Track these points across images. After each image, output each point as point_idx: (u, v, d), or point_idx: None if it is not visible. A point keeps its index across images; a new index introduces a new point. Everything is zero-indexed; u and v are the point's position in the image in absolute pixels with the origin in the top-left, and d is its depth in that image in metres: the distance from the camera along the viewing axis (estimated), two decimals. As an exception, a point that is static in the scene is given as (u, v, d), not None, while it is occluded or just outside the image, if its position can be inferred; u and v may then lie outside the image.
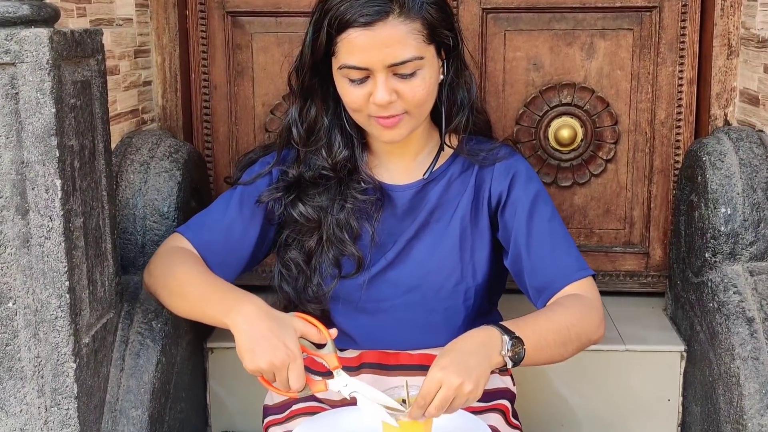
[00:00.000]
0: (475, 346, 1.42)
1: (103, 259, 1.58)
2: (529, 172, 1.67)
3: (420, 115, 1.57)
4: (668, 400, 2.09)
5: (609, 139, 2.26)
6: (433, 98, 1.58)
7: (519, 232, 1.62)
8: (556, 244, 1.62)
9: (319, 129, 1.63)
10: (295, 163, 1.66)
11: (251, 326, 1.42)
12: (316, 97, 1.62)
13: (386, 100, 1.50)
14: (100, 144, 1.56)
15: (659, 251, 2.31)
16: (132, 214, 1.86)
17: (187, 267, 1.58)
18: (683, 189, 2.11)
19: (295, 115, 1.64)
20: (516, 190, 1.64)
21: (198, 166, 2.09)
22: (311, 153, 1.64)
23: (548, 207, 1.65)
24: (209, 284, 1.54)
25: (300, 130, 1.64)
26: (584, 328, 1.54)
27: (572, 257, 1.62)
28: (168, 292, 1.59)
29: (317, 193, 1.64)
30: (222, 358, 2.11)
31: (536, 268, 1.61)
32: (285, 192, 1.65)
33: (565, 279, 1.59)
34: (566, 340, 1.52)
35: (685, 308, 2.08)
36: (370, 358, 1.69)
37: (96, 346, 1.56)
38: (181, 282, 1.56)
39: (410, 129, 1.57)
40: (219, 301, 1.50)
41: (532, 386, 2.05)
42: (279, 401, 1.74)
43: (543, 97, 2.25)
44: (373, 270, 1.64)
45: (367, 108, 1.53)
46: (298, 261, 1.65)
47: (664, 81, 2.23)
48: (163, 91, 2.24)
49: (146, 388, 1.67)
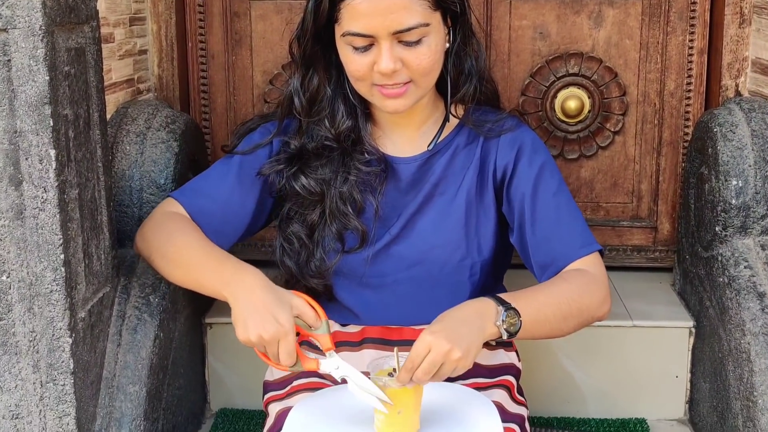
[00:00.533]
0: (468, 315, 1.43)
1: (98, 231, 1.58)
2: (535, 144, 1.66)
3: (426, 85, 1.56)
4: (676, 377, 2.09)
5: (617, 110, 2.25)
6: (439, 67, 1.56)
7: (523, 207, 1.62)
8: (561, 219, 1.61)
9: (321, 99, 1.62)
10: (297, 134, 1.65)
11: (247, 298, 1.43)
12: (319, 65, 1.61)
13: (391, 69, 1.48)
14: (95, 113, 1.55)
15: (667, 225, 2.30)
16: (128, 186, 1.85)
17: (184, 234, 1.57)
18: (693, 161, 2.10)
19: (297, 84, 1.63)
20: (521, 164, 1.63)
21: (195, 138, 2.08)
22: (314, 123, 1.63)
23: (554, 180, 1.63)
24: (207, 253, 1.54)
25: (302, 100, 1.63)
26: (586, 304, 1.54)
27: (577, 232, 1.61)
28: (164, 259, 1.58)
29: (320, 165, 1.63)
30: (221, 334, 2.11)
31: (540, 244, 1.60)
32: (287, 164, 1.64)
33: (570, 255, 1.59)
34: (567, 315, 1.51)
35: (694, 283, 2.08)
36: (372, 333, 1.68)
37: (92, 321, 1.56)
38: (178, 249, 1.56)
39: (415, 99, 1.56)
40: (217, 271, 1.49)
41: (537, 362, 2.05)
42: (279, 377, 1.73)
43: (549, 67, 2.24)
44: (377, 245, 1.63)
45: (371, 77, 1.52)
46: (300, 235, 1.64)
47: (673, 50, 2.21)
48: (159, 61, 2.23)
49: (144, 364, 1.66)
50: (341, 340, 1.68)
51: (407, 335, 1.67)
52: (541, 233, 1.60)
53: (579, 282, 1.55)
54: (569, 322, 1.53)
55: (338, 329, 1.70)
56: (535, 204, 1.61)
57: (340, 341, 1.68)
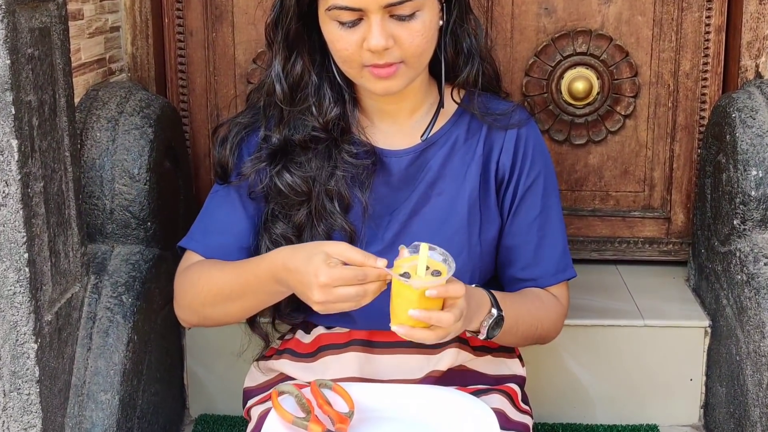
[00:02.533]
0: (472, 303, 1.47)
1: (66, 227, 1.57)
2: (537, 147, 1.66)
3: (419, 65, 1.54)
4: (690, 380, 2.09)
5: (628, 92, 2.24)
6: (432, 46, 1.54)
7: (509, 214, 1.65)
8: (544, 237, 1.66)
9: (305, 85, 1.59)
10: (277, 126, 1.61)
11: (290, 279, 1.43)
12: (303, 49, 1.58)
13: (382, 46, 1.46)
14: (61, 99, 1.54)
15: (682, 216, 2.30)
16: (99, 177, 1.84)
17: (208, 276, 1.57)
18: (709, 148, 2.09)
19: (279, 69, 1.59)
20: (518, 170, 1.64)
21: (172, 122, 2.07)
22: (298, 113, 1.60)
23: (547, 191, 1.66)
24: (242, 276, 1.53)
25: (284, 87, 1.59)
26: (546, 332, 1.67)
27: (557, 255, 1.67)
28: (210, 309, 1.59)
29: (306, 161, 1.60)
30: (200, 335, 2.10)
31: (516, 261, 1.65)
32: (270, 161, 1.61)
33: (544, 280, 1.67)
34: (528, 335, 1.63)
35: (710, 279, 2.07)
36: (359, 335, 1.67)
37: (60, 324, 1.55)
38: (214, 291, 1.56)
39: (408, 80, 1.54)
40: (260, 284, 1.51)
41: (541, 366, 2.05)
42: (262, 381, 1.73)
43: (555, 45, 2.22)
44: (368, 249, 1.59)
45: (360, 56, 1.49)
46: (289, 236, 1.61)
47: (689, 28, 2.20)
48: (133, 38, 2.20)
49: (116, 370, 1.66)
50: (326, 343, 1.67)
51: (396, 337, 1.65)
52: (520, 251, 1.65)
53: (552, 311, 1.66)
54: (524, 341, 1.66)
55: (323, 332, 1.69)
56: (522, 214, 1.65)
57: (324, 344, 1.67)
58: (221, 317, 1.60)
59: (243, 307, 1.57)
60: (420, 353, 1.64)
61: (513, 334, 1.58)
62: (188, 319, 1.64)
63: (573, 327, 2.05)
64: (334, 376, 1.62)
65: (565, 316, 1.71)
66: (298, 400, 1.46)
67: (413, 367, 1.64)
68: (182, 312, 1.63)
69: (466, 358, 1.66)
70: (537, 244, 1.65)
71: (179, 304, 1.63)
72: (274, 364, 1.71)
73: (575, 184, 2.29)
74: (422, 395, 1.54)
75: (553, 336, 1.70)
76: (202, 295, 1.57)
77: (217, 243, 1.62)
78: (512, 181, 1.65)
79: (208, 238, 1.63)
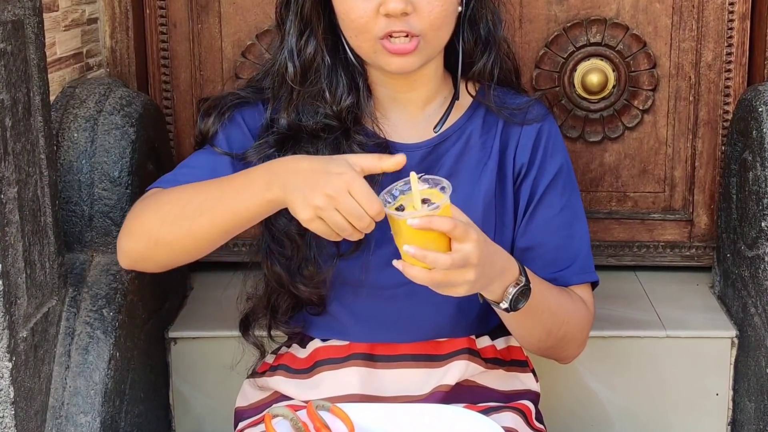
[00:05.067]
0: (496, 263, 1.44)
1: (42, 235, 1.56)
2: (557, 143, 1.67)
3: (437, 42, 1.55)
4: (716, 395, 2.09)
5: (646, 85, 2.24)
6: (451, 24, 1.56)
7: (524, 216, 1.65)
8: (565, 241, 1.65)
9: (318, 67, 1.60)
10: (286, 108, 1.61)
11: (294, 177, 1.37)
12: (317, 26, 1.58)
13: (400, 9, 1.47)
14: (36, 97, 1.54)
15: (705, 218, 2.30)
16: (77, 181, 1.83)
17: (177, 190, 1.50)
18: (734, 145, 2.09)
19: (292, 45, 1.60)
20: (536, 167, 1.64)
21: (155, 121, 2.06)
22: (309, 97, 1.60)
23: (568, 189, 1.66)
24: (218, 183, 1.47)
25: (296, 66, 1.60)
26: (571, 335, 1.62)
27: (581, 256, 1.66)
28: (169, 227, 1.47)
29: (314, 151, 1.59)
30: (187, 351, 2.10)
31: (534, 262, 1.63)
32: (278, 147, 1.60)
33: (566, 279, 1.64)
34: (553, 330, 1.58)
35: (737, 286, 2.07)
36: (360, 348, 1.67)
37: (36, 341, 1.54)
38: (180, 203, 1.47)
39: (424, 59, 1.55)
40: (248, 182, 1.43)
41: (556, 381, 2.05)
42: (254, 401, 1.73)
43: (568, 35, 2.22)
44: (376, 250, 1.60)
45: (375, 26, 1.50)
46: (293, 235, 1.60)
47: (711, 15, 2.20)
48: (112, 31, 2.20)
49: (97, 390, 1.66)
50: (323, 357, 1.67)
51: (402, 350, 1.67)
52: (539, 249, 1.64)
53: (579, 312, 1.63)
54: (547, 337, 1.59)
55: (320, 345, 1.69)
56: (540, 214, 1.64)
57: (322, 359, 1.67)
58: (178, 239, 1.48)
59: (211, 221, 1.45)
60: (425, 366, 1.64)
61: (538, 318, 1.54)
62: (135, 245, 1.52)
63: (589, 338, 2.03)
64: (334, 393, 1.61)
65: (591, 324, 1.67)
66: (293, 423, 1.45)
67: (418, 382, 1.64)
68: (130, 236, 1.52)
69: (476, 371, 1.66)
70: (558, 245, 1.64)
71: (129, 228, 1.53)
72: (268, 381, 1.71)
73: (590, 185, 2.28)
74: (427, 414, 1.52)
75: (576, 347, 1.66)
76: (164, 210, 1.48)
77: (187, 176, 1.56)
78: (528, 179, 1.65)
79: (180, 178, 1.57)
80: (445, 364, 1.64)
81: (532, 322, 1.55)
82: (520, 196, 1.65)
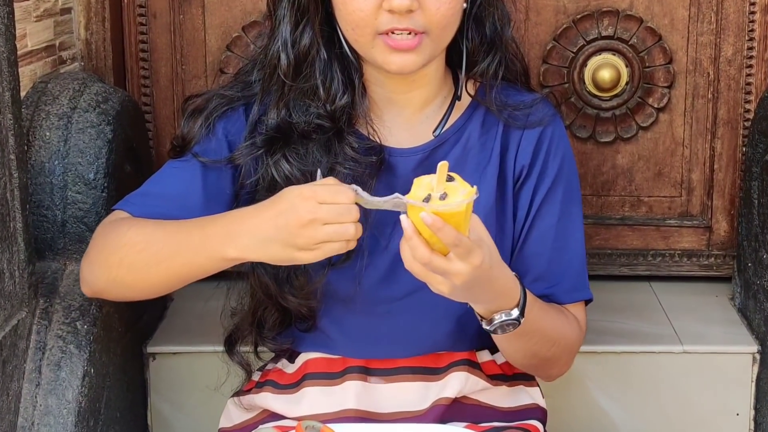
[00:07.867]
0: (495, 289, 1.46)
1: (11, 242, 1.56)
2: (561, 146, 1.66)
3: (441, 41, 1.55)
4: (737, 414, 2.10)
5: (661, 81, 2.25)
6: (457, 22, 1.56)
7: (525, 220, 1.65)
8: (558, 253, 1.66)
9: (312, 61, 1.59)
10: (276, 104, 1.61)
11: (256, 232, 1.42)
12: (315, 17, 1.58)
13: (407, 5, 1.47)
14: (6, 93, 1.54)
15: (725, 224, 2.31)
16: (49, 183, 1.84)
17: (136, 228, 1.53)
18: (756, 146, 2.09)
19: (287, 35, 1.59)
20: (537, 171, 1.64)
21: (134, 119, 2.07)
22: (301, 93, 1.60)
23: (568, 198, 1.66)
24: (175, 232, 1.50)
25: (290, 58, 1.59)
26: (557, 356, 1.64)
27: (573, 272, 1.67)
28: (126, 270, 1.52)
29: (305, 152, 1.59)
30: (166, 367, 2.10)
31: (527, 272, 1.64)
32: (267, 148, 1.60)
33: (558, 297, 1.66)
34: (539, 352, 1.60)
35: (759, 298, 2.07)
36: (356, 362, 1.67)
37: (4, 356, 1.54)
38: (137, 248, 1.51)
39: (427, 58, 1.55)
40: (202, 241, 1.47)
41: (565, 399, 2.05)
42: (239, 421, 1.73)
43: (578, 28, 2.23)
44: (369, 261, 1.60)
45: (376, 21, 1.50)
46: None
47: (731, 8, 2.22)
48: (87, 22, 2.21)
49: (70, 408, 1.65)
50: (314, 371, 1.67)
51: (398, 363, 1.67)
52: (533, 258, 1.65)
53: (570, 332, 1.64)
54: (531, 357, 1.62)
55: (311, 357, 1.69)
56: (538, 222, 1.65)
57: (312, 372, 1.67)
58: (137, 281, 1.54)
59: (167, 272, 1.51)
60: (423, 379, 1.64)
61: (526, 340, 1.56)
62: (95, 279, 1.57)
63: (600, 354, 2.05)
64: (327, 410, 1.62)
65: (581, 343, 1.69)
66: None
67: (417, 397, 1.64)
68: (91, 268, 1.57)
69: (477, 386, 1.66)
70: (551, 257, 1.65)
71: (90, 259, 1.57)
72: (254, 399, 1.71)
73: (601, 189, 2.29)
74: None
75: (562, 365, 1.68)
76: (124, 250, 1.52)
77: (157, 211, 1.58)
78: (528, 185, 1.65)
79: (147, 203, 1.59)
80: (444, 376, 1.64)
81: (519, 344, 1.57)
82: (519, 203, 1.65)
